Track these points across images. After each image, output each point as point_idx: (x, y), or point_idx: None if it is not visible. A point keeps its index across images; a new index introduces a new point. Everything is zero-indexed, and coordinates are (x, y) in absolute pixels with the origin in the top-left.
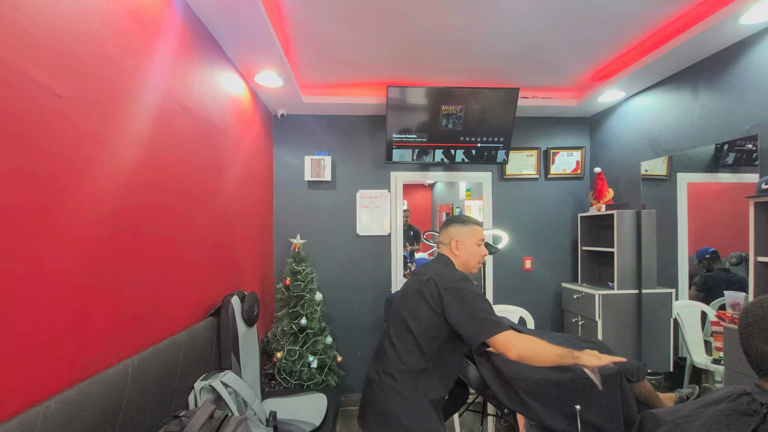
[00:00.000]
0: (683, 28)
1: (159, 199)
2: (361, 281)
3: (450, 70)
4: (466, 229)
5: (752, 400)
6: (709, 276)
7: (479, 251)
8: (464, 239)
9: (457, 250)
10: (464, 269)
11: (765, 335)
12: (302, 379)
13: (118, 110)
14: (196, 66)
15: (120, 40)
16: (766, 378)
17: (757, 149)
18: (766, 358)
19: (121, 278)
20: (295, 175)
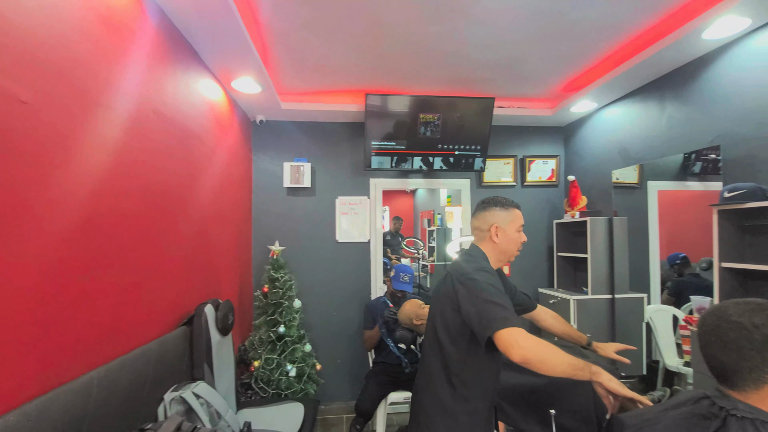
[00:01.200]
0: (650, 41)
1: (131, 207)
2: (341, 288)
3: (428, 79)
4: (507, 213)
5: (712, 404)
6: (680, 281)
7: (520, 237)
8: (506, 225)
9: (497, 237)
10: (504, 257)
11: (720, 343)
12: (280, 388)
13: (88, 116)
14: (170, 71)
15: (90, 45)
16: (724, 383)
17: (720, 159)
18: (723, 365)
19: (90, 288)
20: (274, 181)
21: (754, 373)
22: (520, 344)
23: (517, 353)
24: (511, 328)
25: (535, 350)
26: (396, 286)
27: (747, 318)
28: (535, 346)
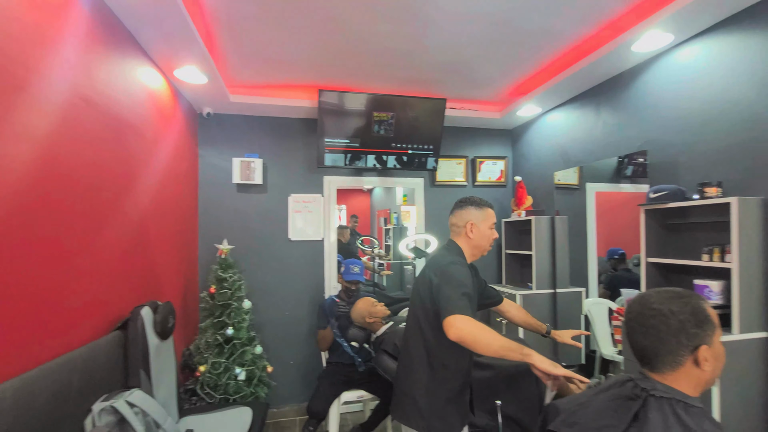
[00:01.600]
0: (588, 51)
1: (55, 202)
2: (294, 287)
3: (382, 78)
4: (481, 212)
5: (635, 386)
6: (614, 275)
7: (492, 234)
8: (479, 222)
9: (471, 233)
10: (477, 251)
11: (642, 329)
12: (228, 392)
13: (4, 103)
14: (103, 57)
15: (9, 27)
16: (646, 366)
17: (647, 163)
18: (644, 349)
19: (2, 292)
20: (222, 177)
21: (670, 356)
22: (457, 325)
23: (453, 333)
24: (456, 315)
25: (469, 331)
26: (347, 277)
27: (666, 305)
28: (469, 328)
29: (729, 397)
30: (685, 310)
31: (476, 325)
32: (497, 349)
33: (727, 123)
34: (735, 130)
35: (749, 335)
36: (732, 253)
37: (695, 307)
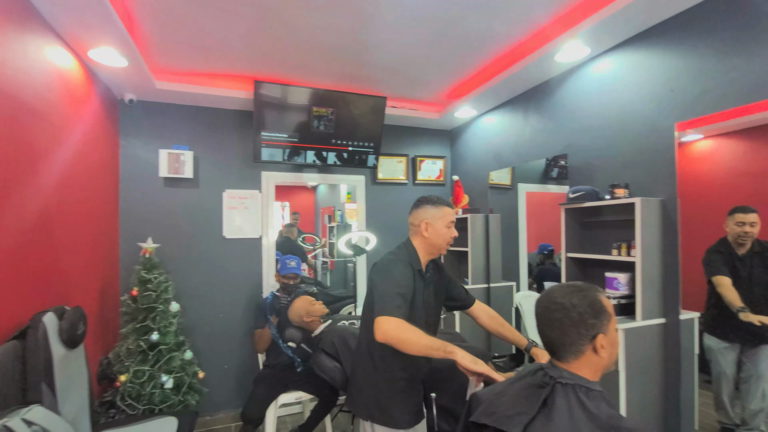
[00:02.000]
0: (518, 58)
1: None
2: (229, 288)
3: (322, 73)
4: (437, 210)
5: (545, 374)
6: (541, 269)
7: (449, 233)
8: (434, 220)
9: (426, 232)
10: (434, 250)
11: (549, 322)
12: (153, 402)
13: None
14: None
15: None
16: (554, 356)
17: (568, 165)
18: (551, 340)
19: None
20: (147, 170)
21: (573, 346)
22: (383, 328)
23: (379, 335)
24: (384, 317)
25: (394, 333)
26: (284, 271)
27: (567, 299)
28: (394, 330)
29: (633, 375)
30: (584, 303)
31: (400, 326)
32: (421, 349)
33: (633, 131)
34: (639, 138)
35: (650, 321)
36: (636, 248)
37: (592, 300)
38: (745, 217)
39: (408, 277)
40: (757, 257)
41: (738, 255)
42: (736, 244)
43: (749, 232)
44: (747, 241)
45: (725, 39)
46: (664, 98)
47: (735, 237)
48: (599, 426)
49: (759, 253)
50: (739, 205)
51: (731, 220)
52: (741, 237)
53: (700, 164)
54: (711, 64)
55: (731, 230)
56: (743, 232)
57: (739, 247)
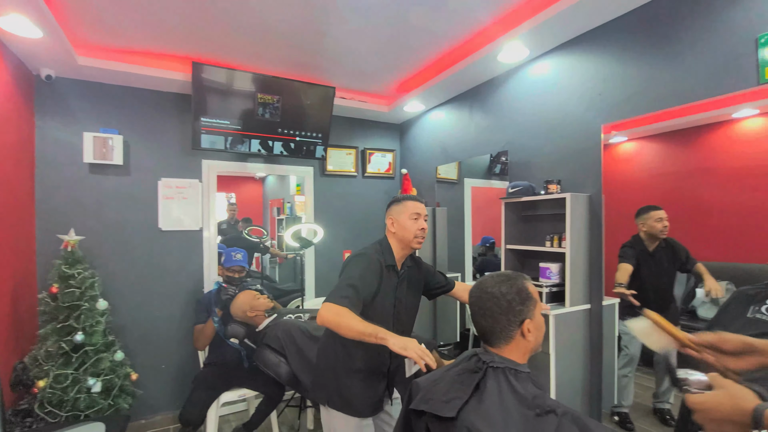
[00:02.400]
0: (464, 56)
1: None
2: (166, 283)
3: (267, 58)
4: (400, 206)
5: (478, 360)
6: (483, 259)
7: (415, 225)
8: (398, 216)
9: (393, 228)
10: (405, 245)
11: (481, 311)
12: (78, 408)
13: None
14: None
15: None
16: (487, 342)
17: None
18: (484, 328)
19: None
20: (70, 154)
21: (503, 332)
22: (321, 313)
23: (318, 319)
24: (328, 303)
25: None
26: (229, 264)
27: (497, 288)
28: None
29: (562, 356)
30: (512, 291)
31: (340, 312)
32: (355, 335)
33: (566, 131)
34: (571, 137)
35: (577, 307)
36: (566, 240)
37: (520, 288)
38: (661, 213)
39: (372, 271)
40: (664, 252)
41: (649, 251)
42: (649, 240)
43: (667, 226)
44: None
45: (647, 48)
46: (593, 101)
47: (657, 232)
48: (526, 405)
49: (665, 248)
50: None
51: (649, 218)
52: (662, 231)
53: (624, 164)
54: (634, 71)
55: (651, 227)
56: (664, 227)
57: (651, 244)
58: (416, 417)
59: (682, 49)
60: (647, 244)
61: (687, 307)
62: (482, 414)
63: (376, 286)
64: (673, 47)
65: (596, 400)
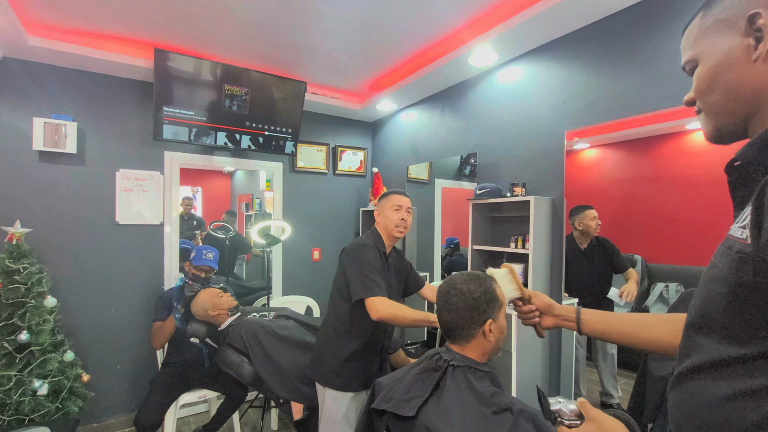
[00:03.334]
0: (436, 57)
1: None
2: (123, 280)
3: (235, 49)
4: (385, 198)
5: (439, 358)
6: (450, 259)
7: (396, 216)
8: (383, 208)
9: (379, 218)
10: (387, 233)
11: (447, 306)
12: (23, 412)
13: None
14: None
15: None
16: (449, 339)
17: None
18: (447, 323)
19: None
20: (16, 141)
21: (466, 330)
22: (377, 308)
23: (374, 315)
24: (373, 297)
25: (387, 312)
26: (198, 262)
27: (465, 286)
28: (386, 309)
29: (523, 354)
30: (479, 290)
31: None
32: (411, 323)
33: (530, 135)
34: (536, 142)
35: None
36: (529, 241)
37: (487, 288)
38: (595, 212)
39: (377, 258)
40: (596, 250)
41: (581, 248)
42: (582, 238)
43: (600, 224)
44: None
45: (608, 59)
46: (557, 107)
47: (592, 230)
48: (484, 403)
49: (597, 246)
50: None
51: (584, 218)
52: (596, 230)
53: (586, 170)
54: (596, 80)
55: (586, 226)
56: (597, 225)
57: (583, 241)
58: (377, 416)
59: (640, 61)
60: (579, 242)
61: (640, 306)
62: (441, 412)
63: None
64: (632, 59)
65: (555, 394)
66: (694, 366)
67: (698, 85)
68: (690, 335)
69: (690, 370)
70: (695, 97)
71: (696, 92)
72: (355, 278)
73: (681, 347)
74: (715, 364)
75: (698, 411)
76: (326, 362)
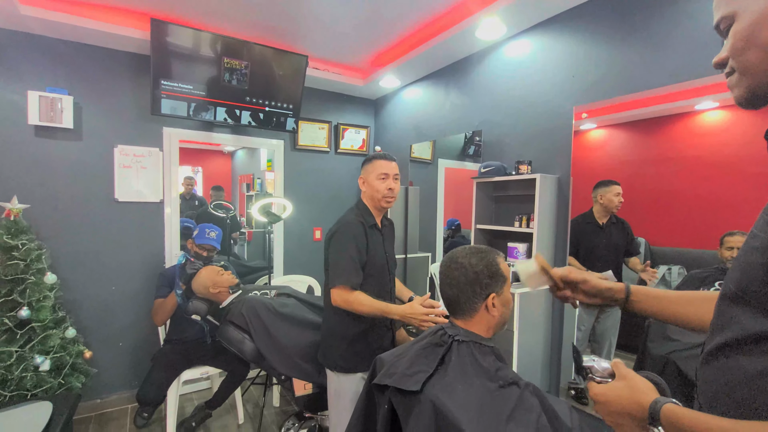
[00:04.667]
0: (441, 30)
1: None
2: (124, 257)
3: (234, 20)
4: (369, 165)
5: (444, 333)
6: (452, 241)
7: (382, 185)
8: (367, 175)
9: (364, 186)
10: (373, 203)
11: (449, 281)
12: (24, 387)
13: None
14: None
15: None
16: (453, 314)
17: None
18: (450, 298)
19: None
20: (11, 115)
21: (468, 303)
22: (334, 299)
23: (333, 301)
24: (338, 286)
25: (342, 305)
26: (200, 241)
27: (467, 260)
28: (342, 303)
29: (525, 333)
30: (481, 264)
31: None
32: (369, 311)
33: (537, 111)
34: (542, 118)
35: (541, 286)
36: (534, 220)
37: (489, 262)
38: (620, 188)
39: (356, 238)
40: (615, 227)
41: (599, 224)
42: (602, 213)
43: (622, 202)
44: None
45: (618, 33)
46: (566, 83)
47: (614, 206)
48: (488, 378)
49: (615, 224)
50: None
51: (609, 192)
52: (617, 207)
53: (592, 150)
54: (606, 54)
55: (609, 200)
56: (620, 202)
57: (602, 217)
58: (379, 392)
59: (651, 35)
60: (598, 216)
61: None
62: (446, 387)
63: (365, 248)
64: (644, 34)
65: (555, 375)
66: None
67: (734, 43)
68: (724, 308)
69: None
70: (729, 56)
71: (731, 50)
72: (332, 262)
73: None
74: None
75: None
76: (333, 347)
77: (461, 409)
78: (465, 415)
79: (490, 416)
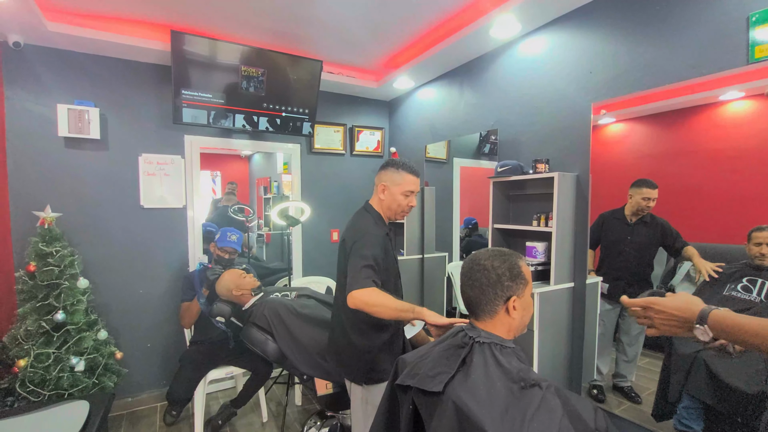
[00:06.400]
0: (454, 30)
1: None
2: (150, 261)
3: (251, 28)
4: (397, 175)
5: (465, 335)
6: (469, 240)
7: (405, 201)
8: (392, 185)
9: (383, 194)
10: (390, 213)
11: (471, 283)
12: (61, 387)
13: None
14: None
15: None
16: (473, 316)
17: (497, 141)
18: (470, 299)
19: None
20: (43, 127)
21: (489, 305)
22: (354, 302)
23: (351, 303)
24: (357, 289)
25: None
26: (222, 244)
27: (489, 261)
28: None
29: (545, 333)
30: (504, 266)
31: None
32: (392, 313)
33: (554, 109)
34: (559, 116)
35: (562, 285)
36: (553, 219)
37: (512, 264)
38: (651, 192)
39: (381, 246)
40: (644, 227)
41: (627, 220)
42: (632, 213)
43: (651, 206)
44: (644, 213)
45: (637, 26)
46: (583, 79)
47: (637, 208)
48: (511, 379)
49: (646, 224)
50: (644, 178)
51: (638, 193)
52: (642, 210)
53: (611, 145)
54: (624, 49)
55: (636, 202)
56: (647, 206)
57: (632, 216)
58: (402, 392)
59: (672, 27)
60: (628, 214)
61: (666, 285)
62: (468, 388)
63: (383, 259)
64: (664, 25)
65: (576, 375)
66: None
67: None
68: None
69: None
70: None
71: None
72: (352, 269)
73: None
74: None
75: None
76: (359, 361)
77: (484, 410)
78: (488, 416)
79: (512, 417)
